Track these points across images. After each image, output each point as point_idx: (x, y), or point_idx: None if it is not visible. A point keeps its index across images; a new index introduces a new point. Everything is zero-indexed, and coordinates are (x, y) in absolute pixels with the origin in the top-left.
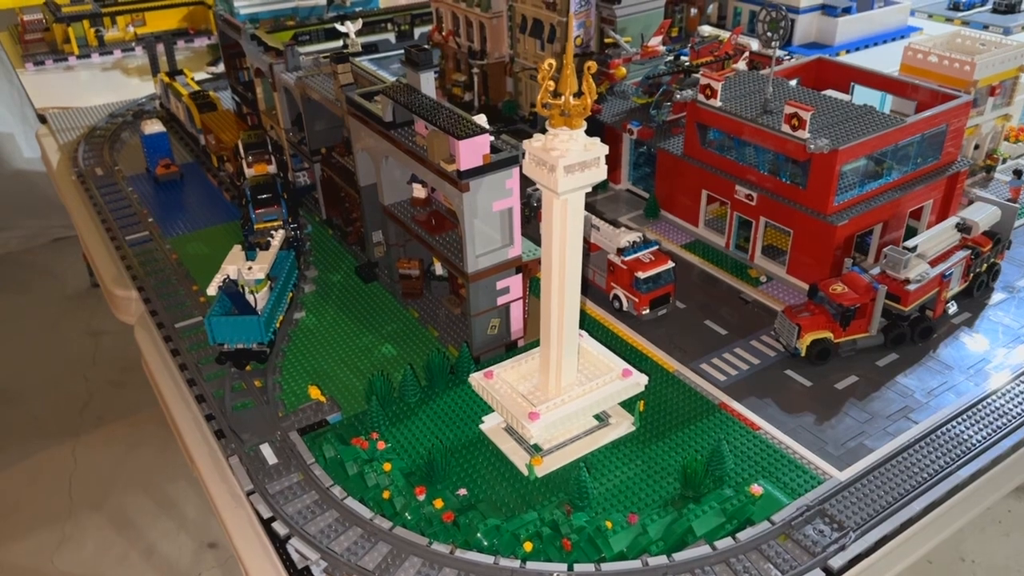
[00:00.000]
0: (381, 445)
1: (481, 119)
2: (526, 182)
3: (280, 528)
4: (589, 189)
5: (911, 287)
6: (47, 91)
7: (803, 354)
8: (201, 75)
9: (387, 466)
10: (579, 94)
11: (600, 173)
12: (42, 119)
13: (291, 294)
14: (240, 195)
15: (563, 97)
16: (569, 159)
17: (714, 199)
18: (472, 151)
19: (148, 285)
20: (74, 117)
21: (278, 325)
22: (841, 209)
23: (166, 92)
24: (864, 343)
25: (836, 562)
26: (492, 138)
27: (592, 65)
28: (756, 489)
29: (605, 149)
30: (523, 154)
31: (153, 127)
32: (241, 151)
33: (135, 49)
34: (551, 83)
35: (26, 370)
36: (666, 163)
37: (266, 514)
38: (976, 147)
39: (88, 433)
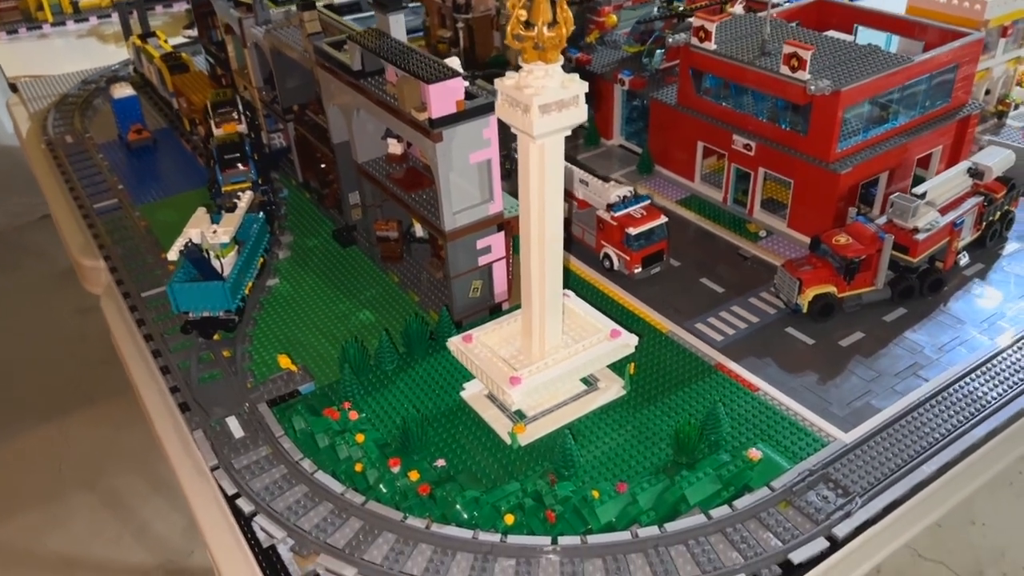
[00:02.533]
0: (353, 415)
1: (454, 62)
2: (508, 136)
3: (245, 505)
4: (568, 132)
5: (920, 236)
6: (20, 60)
7: (805, 310)
8: (178, 39)
9: (360, 437)
10: (553, 23)
11: (580, 114)
12: (13, 88)
13: (262, 259)
14: (209, 157)
15: (536, 28)
16: (544, 97)
17: (711, 152)
18: (444, 96)
19: (115, 254)
20: (46, 85)
21: (247, 292)
22: (844, 156)
23: (139, 56)
24: (870, 297)
25: (841, 530)
26: (466, 83)
27: None
28: (754, 453)
29: (584, 86)
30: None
31: (123, 91)
32: (209, 111)
33: (111, 15)
34: (522, 12)
35: (15, 349)
36: (660, 114)
37: (231, 490)
38: (987, 92)
39: (79, 412)
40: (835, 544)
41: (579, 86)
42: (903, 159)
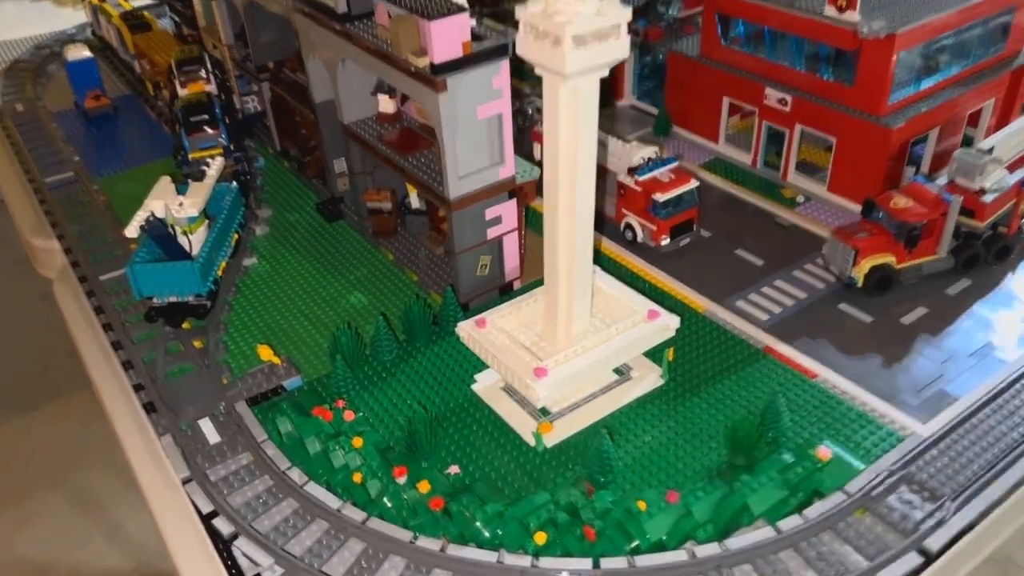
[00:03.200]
0: (349, 415)
1: None
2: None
3: (223, 526)
4: (606, 72)
5: (987, 198)
6: None
7: (860, 284)
8: (142, 0)
9: (357, 441)
10: None
11: (621, 48)
12: None
13: (236, 235)
14: (174, 120)
15: None
16: (579, 26)
17: (737, 108)
18: (447, 36)
19: (70, 233)
20: None
21: (220, 272)
22: (896, 109)
23: (96, 16)
24: (931, 268)
25: (935, 542)
26: (473, 21)
27: None
28: (823, 452)
29: (627, 13)
30: (514, 43)
31: (78, 53)
32: (174, 70)
33: None
34: None
35: None
36: (679, 69)
37: (206, 507)
38: None
39: (45, 406)
40: (929, 559)
41: (620, 12)
42: (955, 113)
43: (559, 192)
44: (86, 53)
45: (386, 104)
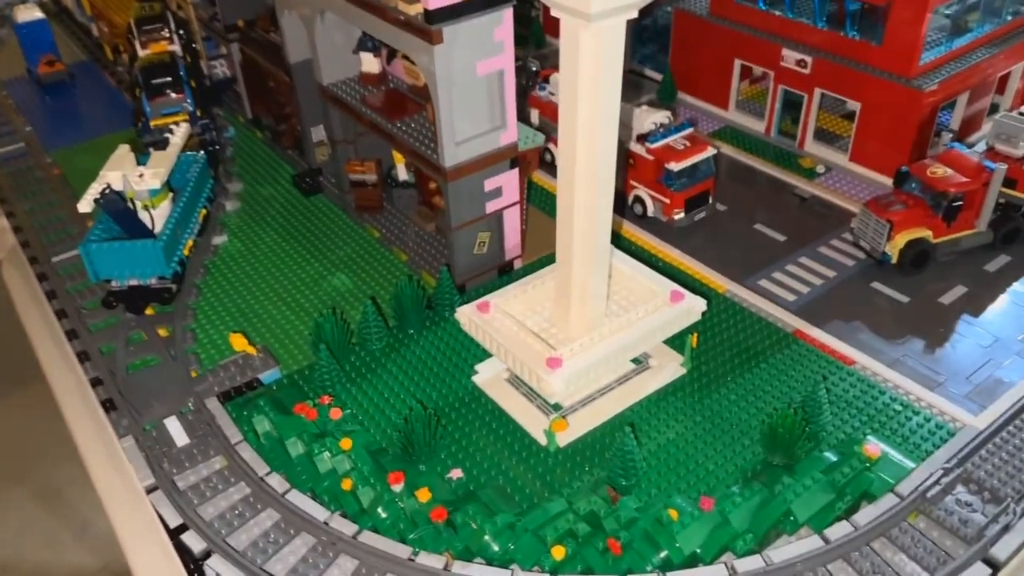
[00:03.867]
0: (336, 413)
1: None
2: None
3: (194, 541)
4: (634, 13)
5: None
6: None
7: (895, 260)
8: None
9: (346, 443)
10: None
11: None
12: None
13: (204, 211)
14: (133, 85)
15: None
16: None
17: (749, 72)
18: None
19: (20, 210)
20: None
21: (186, 252)
22: (928, 70)
23: None
24: (969, 242)
25: (1002, 550)
26: None
27: None
28: (872, 449)
29: None
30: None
31: (29, 14)
32: (133, 29)
33: None
34: None
35: None
36: (686, 28)
37: (174, 521)
38: None
39: (3, 394)
40: (995, 569)
41: None
42: (986, 76)
43: (576, 155)
44: (38, 14)
45: (370, 63)
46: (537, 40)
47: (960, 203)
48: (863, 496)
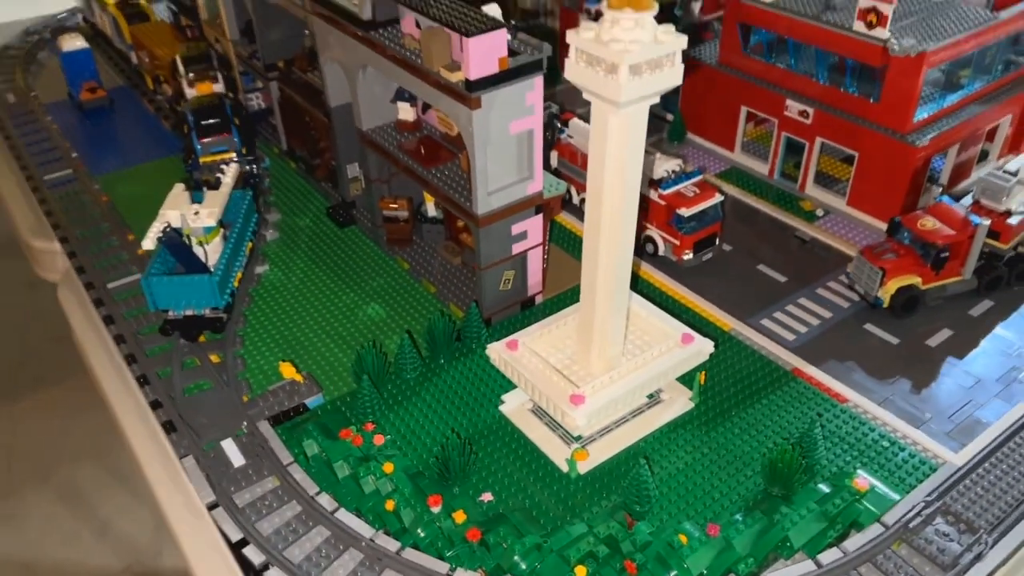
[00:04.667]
0: (379, 439)
1: (493, 9)
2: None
3: (254, 555)
4: (657, 99)
5: (1013, 220)
6: None
7: (886, 304)
8: None
9: (388, 467)
10: None
11: (675, 75)
12: None
13: (250, 244)
14: (181, 122)
15: None
16: (636, 55)
17: (753, 117)
18: (485, 53)
19: (73, 236)
20: None
21: (236, 284)
22: (921, 126)
23: (89, 4)
24: (955, 289)
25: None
26: (509, 36)
27: None
28: (861, 483)
29: (683, 41)
30: (548, 57)
31: (74, 43)
32: (180, 67)
33: None
34: None
35: None
36: (695, 75)
37: (235, 536)
38: None
39: (27, 397)
40: None
41: (676, 40)
42: (975, 129)
43: (602, 217)
44: (81, 43)
45: (406, 112)
46: (553, 78)
47: (947, 254)
48: (852, 525)
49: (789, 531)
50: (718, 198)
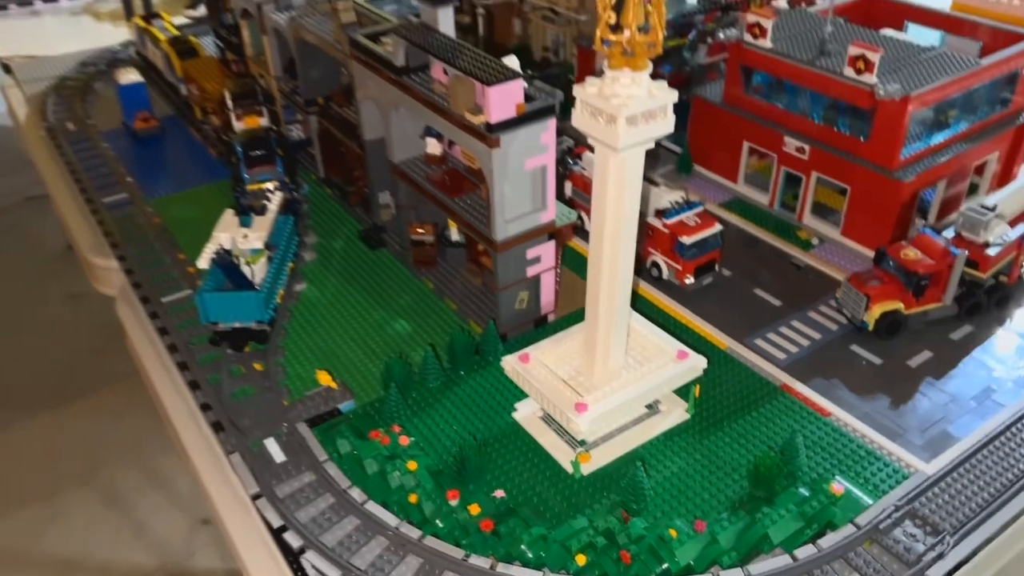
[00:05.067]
0: (404, 440)
1: (512, 61)
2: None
3: (293, 539)
4: (652, 144)
5: (991, 251)
6: (10, 38)
7: (871, 327)
8: (179, 19)
9: (412, 465)
10: (646, 28)
11: (667, 125)
12: (6, 69)
13: (291, 264)
14: (229, 152)
15: (626, 32)
16: (632, 108)
17: (756, 152)
18: (504, 99)
19: (130, 254)
20: (41, 66)
21: (279, 300)
22: (908, 163)
23: (142, 38)
24: (936, 314)
25: (936, 573)
26: (525, 84)
27: None
28: (837, 488)
29: (673, 95)
30: (561, 103)
31: (129, 77)
32: (228, 102)
33: None
34: (611, 14)
35: (2, 337)
36: (702, 112)
37: (276, 523)
38: None
39: (71, 404)
40: None
41: (667, 95)
42: (962, 166)
43: (604, 245)
44: (136, 77)
45: (433, 147)
46: (565, 113)
47: (927, 282)
48: (827, 525)
49: (769, 528)
50: (717, 228)
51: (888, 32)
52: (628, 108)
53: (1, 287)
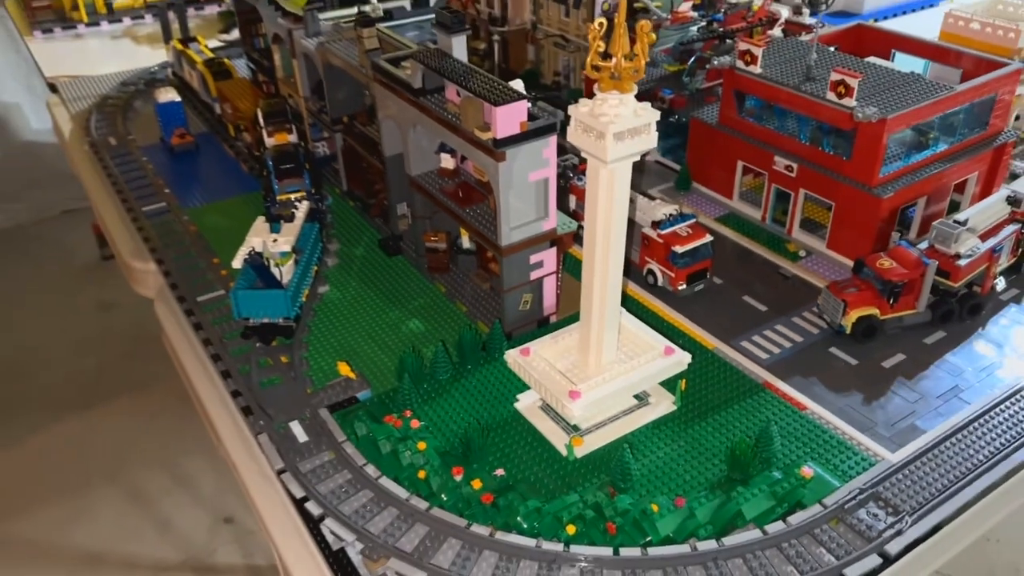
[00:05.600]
0: (415, 424)
1: (518, 84)
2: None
3: (313, 508)
4: (638, 157)
5: (961, 262)
6: (56, 59)
7: (848, 331)
8: (213, 42)
9: (422, 445)
10: (631, 56)
11: (650, 140)
12: (53, 88)
13: (315, 267)
14: (261, 165)
15: (614, 59)
16: (619, 125)
17: (750, 170)
18: (509, 118)
19: (167, 257)
20: (85, 86)
21: (304, 299)
22: (887, 181)
23: (179, 60)
24: (911, 320)
25: (893, 547)
26: (529, 105)
27: (646, 24)
28: (807, 472)
29: (656, 115)
30: (561, 120)
31: (167, 96)
32: (260, 120)
33: (144, 17)
34: (601, 43)
35: (37, 343)
36: (699, 133)
37: (298, 494)
38: (1018, 118)
39: (101, 406)
40: (887, 560)
41: (651, 114)
42: (941, 184)
43: (595, 247)
44: (173, 96)
45: (447, 161)
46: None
47: (900, 289)
48: (797, 505)
49: (743, 505)
50: (708, 238)
51: (872, 59)
52: (615, 125)
53: (37, 295)
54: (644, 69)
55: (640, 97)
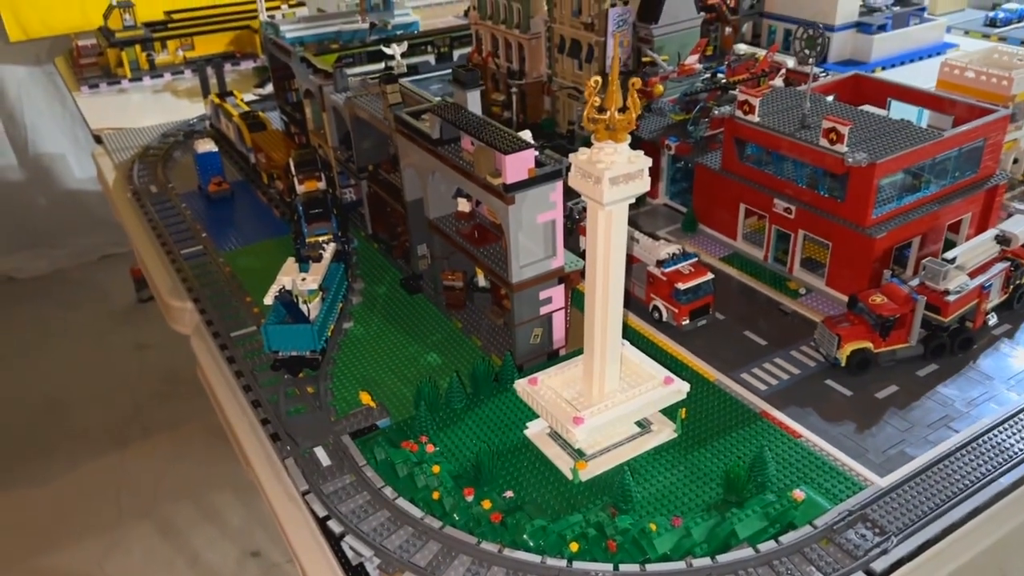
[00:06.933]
0: (430, 448)
1: (526, 135)
2: (569, 195)
3: (335, 526)
4: (633, 200)
5: (950, 298)
6: (101, 113)
7: (843, 364)
8: (249, 96)
9: (436, 468)
10: (624, 109)
11: (643, 184)
12: (98, 140)
13: (341, 304)
14: (292, 211)
15: (608, 112)
16: (614, 171)
17: (752, 212)
18: (518, 165)
19: (203, 296)
20: (128, 137)
21: (330, 333)
22: (879, 222)
23: (216, 113)
24: (904, 353)
25: (878, 566)
26: (537, 153)
27: (636, 82)
28: (798, 494)
29: (648, 161)
30: (567, 167)
31: (205, 146)
32: (292, 169)
33: (184, 72)
34: (597, 99)
35: (75, 383)
36: (704, 178)
37: (321, 513)
38: (1015, 161)
39: (135, 444)
40: None
41: (644, 161)
42: (934, 225)
43: (596, 283)
44: (212, 146)
45: (463, 205)
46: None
47: (891, 323)
48: (788, 525)
49: (736, 525)
50: (709, 276)
51: (866, 107)
52: (611, 171)
53: (75, 336)
54: (635, 121)
55: (647, 144)
